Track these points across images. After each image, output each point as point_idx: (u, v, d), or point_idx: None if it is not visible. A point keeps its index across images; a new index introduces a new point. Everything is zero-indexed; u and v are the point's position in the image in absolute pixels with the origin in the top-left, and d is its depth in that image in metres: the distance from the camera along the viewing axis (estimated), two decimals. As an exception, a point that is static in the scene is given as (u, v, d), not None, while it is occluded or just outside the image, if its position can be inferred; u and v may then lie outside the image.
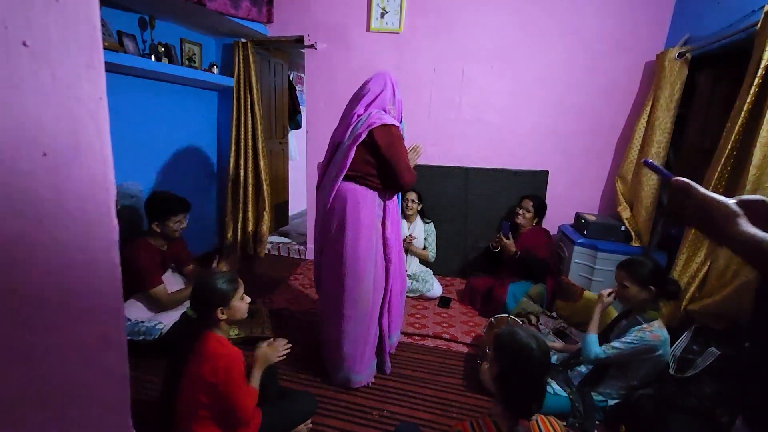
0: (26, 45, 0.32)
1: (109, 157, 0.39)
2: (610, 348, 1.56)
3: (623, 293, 1.62)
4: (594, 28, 2.66)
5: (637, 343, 1.51)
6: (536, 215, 2.67)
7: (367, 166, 1.67)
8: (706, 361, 1.58)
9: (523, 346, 1.01)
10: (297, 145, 4.56)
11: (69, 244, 0.37)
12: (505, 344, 1.04)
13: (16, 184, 0.32)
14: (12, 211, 0.32)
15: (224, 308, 1.25)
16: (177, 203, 2.02)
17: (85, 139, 0.37)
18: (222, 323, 1.27)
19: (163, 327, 1.90)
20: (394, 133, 1.66)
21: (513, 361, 1.01)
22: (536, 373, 1.00)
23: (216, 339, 1.25)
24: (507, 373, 1.02)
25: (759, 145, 1.57)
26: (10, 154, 0.32)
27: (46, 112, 0.34)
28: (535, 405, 1.01)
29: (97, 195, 0.39)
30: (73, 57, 0.35)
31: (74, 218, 0.37)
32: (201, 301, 1.25)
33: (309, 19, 3.10)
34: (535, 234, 2.63)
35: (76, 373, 0.40)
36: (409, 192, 2.84)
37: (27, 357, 0.36)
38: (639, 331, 1.53)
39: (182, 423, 1.23)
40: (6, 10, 0.30)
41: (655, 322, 1.56)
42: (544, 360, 1.01)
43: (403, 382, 1.85)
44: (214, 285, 1.24)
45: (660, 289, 1.57)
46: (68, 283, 0.38)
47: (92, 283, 0.40)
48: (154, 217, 1.97)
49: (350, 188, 1.67)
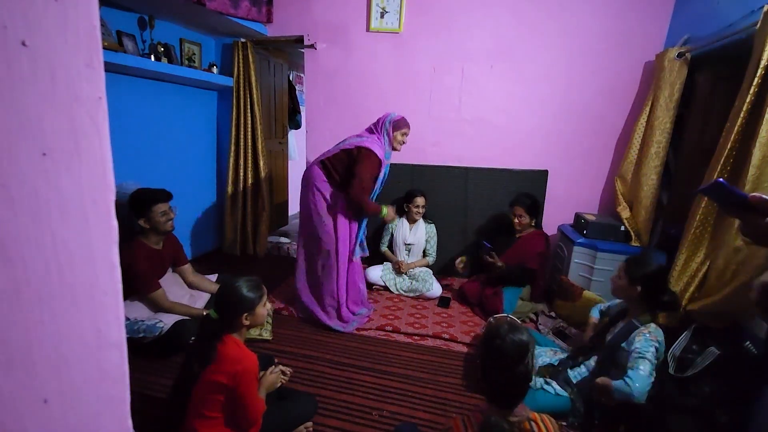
0: (25, 45, 0.32)
1: (108, 156, 0.39)
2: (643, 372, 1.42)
3: (616, 282, 1.66)
4: (594, 28, 2.66)
5: (653, 349, 1.47)
6: (532, 218, 2.58)
7: (340, 165, 2.22)
8: (705, 360, 1.58)
9: (494, 336, 1.05)
10: (297, 144, 4.56)
11: (68, 244, 0.37)
12: (483, 338, 1.10)
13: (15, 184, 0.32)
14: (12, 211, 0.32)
15: (249, 314, 1.28)
16: (157, 192, 2.01)
17: (84, 139, 0.37)
18: (243, 328, 1.30)
19: (163, 326, 1.90)
20: (371, 159, 2.18)
21: (486, 352, 1.06)
22: (508, 362, 1.01)
23: (235, 342, 1.26)
24: (484, 365, 1.07)
25: (758, 145, 1.57)
26: (9, 154, 0.32)
27: (45, 112, 0.34)
28: (513, 394, 1.03)
29: (97, 195, 0.39)
30: (72, 57, 0.35)
31: (74, 218, 0.37)
32: (228, 307, 1.27)
33: (309, 19, 3.10)
34: (532, 240, 2.55)
35: (75, 372, 0.40)
36: (419, 197, 2.82)
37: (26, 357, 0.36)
38: (641, 336, 1.51)
39: (189, 422, 1.23)
40: (5, 10, 0.30)
41: (650, 324, 1.56)
42: (516, 349, 1.02)
43: (403, 382, 1.85)
44: (242, 292, 1.26)
45: (647, 292, 1.57)
46: (68, 282, 0.38)
47: (92, 282, 0.40)
48: (138, 212, 1.96)
49: (316, 171, 2.25)
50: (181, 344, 1.89)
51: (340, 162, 2.22)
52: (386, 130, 2.27)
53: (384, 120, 2.28)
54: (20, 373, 0.35)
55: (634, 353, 1.48)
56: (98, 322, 0.41)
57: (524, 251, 2.53)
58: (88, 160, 0.38)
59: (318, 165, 2.26)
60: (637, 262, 1.61)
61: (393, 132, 2.27)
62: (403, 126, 2.29)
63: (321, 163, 2.25)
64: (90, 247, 0.39)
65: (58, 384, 0.38)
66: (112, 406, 0.44)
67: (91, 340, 0.41)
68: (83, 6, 0.35)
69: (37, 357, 0.36)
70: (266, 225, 3.46)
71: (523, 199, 2.57)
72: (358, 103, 3.18)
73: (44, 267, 0.36)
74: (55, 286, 0.37)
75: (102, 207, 0.40)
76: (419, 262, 2.92)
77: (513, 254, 2.54)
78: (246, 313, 1.28)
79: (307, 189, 2.28)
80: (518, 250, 2.56)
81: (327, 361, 1.99)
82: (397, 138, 2.29)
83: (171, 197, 2.07)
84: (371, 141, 2.22)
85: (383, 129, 2.27)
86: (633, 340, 1.54)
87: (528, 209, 2.55)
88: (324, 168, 2.24)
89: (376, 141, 2.24)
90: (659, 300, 1.58)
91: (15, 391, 0.35)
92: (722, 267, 1.73)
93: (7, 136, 0.31)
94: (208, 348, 1.24)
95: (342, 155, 2.22)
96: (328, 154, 2.26)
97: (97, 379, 0.42)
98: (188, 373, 1.27)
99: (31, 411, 0.36)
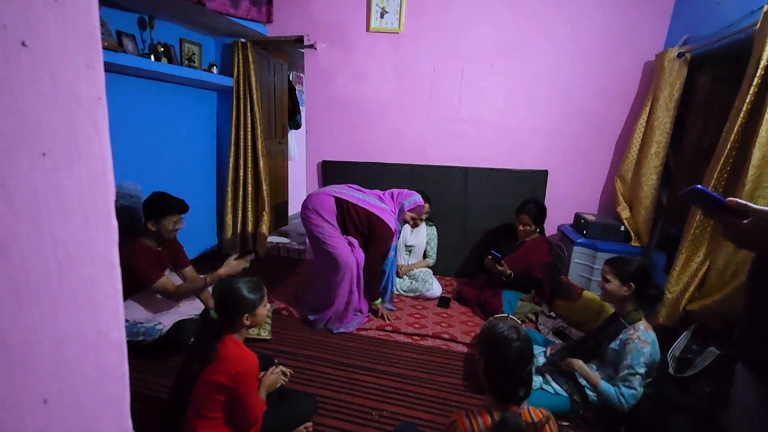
0: (25, 45, 0.32)
1: (108, 157, 0.39)
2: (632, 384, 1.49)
3: (605, 287, 1.67)
4: (593, 28, 2.66)
5: (643, 359, 1.50)
6: (536, 225, 2.55)
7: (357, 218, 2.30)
8: (705, 360, 1.58)
9: (504, 338, 1.08)
10: (296, 145, 4.56)
11: (68, 244, 0.37)
12: (488, 338, 1.12)
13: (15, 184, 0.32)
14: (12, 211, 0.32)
15: (250, 315, 1.29)
16: (176, 203, 2.01)
17: (84, 139, 0.37)
18: (243, 328, 1.31)
19: (162, 327, 1.90)
20: (389, 235, 2.31)
21: (496, 353, 1.08)
22: (519, 362, 1.06)
23: (235, 343, 1.27)
24: (492, 365, 1.08)
25: (758, 145, 1.57)
26: (9, 154, 0.32)
27: (44, 112, 0.34)
28: (522, 391, 1.06)
29: (97, 195, 0.39)
30: (72, 57, 0.35)
31: (74, 218, 0.37)
32: (230, 307, 1.27)
33: (308, 19, 3.10)
34: (536, 247, 2.52)
35: (75, 372, 0.40)
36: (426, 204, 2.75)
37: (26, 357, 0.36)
38: (630, 345, 1.52)
39: (189, 422, 1.23)
40: (5, 10, 0.30)
41: (638, 324, 1.57)
42: (526, 349, 1.07)
43: (403, 382, 1.85)
44: (243, 293, 1.27)
45: (639, 288, 1.59)
46: (67, 282, 0.38)
47: (92, 282, 0.40)
48: (151, 214, 1.96)
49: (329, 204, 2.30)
50: (181, 345, 1.89)
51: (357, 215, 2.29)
52: (402, 206, 2.40)
53: (403, 199, 2.41)
54: (20, 373, 0.35)
55: (627, 368, 1.51)
56: (98, 322, 0.41)
57: (529, 259, 2.49)
58: (88, 160, 0.38)
59: (332, 198, 2.30)
60: (623, 262, 1.64)
61: (407, 211, 2.41)
62: (420, 213, 2.45)
63: (335, 199, 2.30)
64: (90, 247, 0.39)
65: (58, 384, 0.38)
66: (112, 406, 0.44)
67: (91, 341, 0.41)
68: (83, 6, 0.35)
69: (37, 357, 0.36)
70: (266, 225, 3.46)
71: (530, 208, 2.52)
72: (358, 104, 3.18)
73: (44, 267, 0.36)
74: (55, 286, 0.37)
75: (102, 207, 0.40)
76: (419, 264, 2.92)
77: (517, 260, 2.51)
78: (247, 313, 1.28)
79: (313, 215, 2.29)
80: (522, 256, 2.52)
81: (327, 361, 1.99)
82: (407, 217, 2.43)
83: (187, 211, 2.07)
84: (389, 215, 2.34)
85: (398, 204, 2.40)
86: (623, 344, 1.56)
87: (534, 218, 2.51)
88: (337, 206, 2.30)
89: (392, 214, 2.37)
90: (647, 294, 1.61)
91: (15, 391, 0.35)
92: (722, 267, 1.73)
93: (7, 136, 0.31)
94: (208, 348, 1.24)
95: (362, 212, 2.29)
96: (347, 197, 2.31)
97: (97, 379, 0.42)
98: (188, 373, 1.27)
99: (31, 411, 0.36)
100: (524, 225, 2.53)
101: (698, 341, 1.69)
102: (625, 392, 1.50)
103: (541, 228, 2.66)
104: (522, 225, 2.54)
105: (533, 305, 2.52)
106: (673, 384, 1.62)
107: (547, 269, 2.56)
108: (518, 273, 2.47)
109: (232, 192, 3.37)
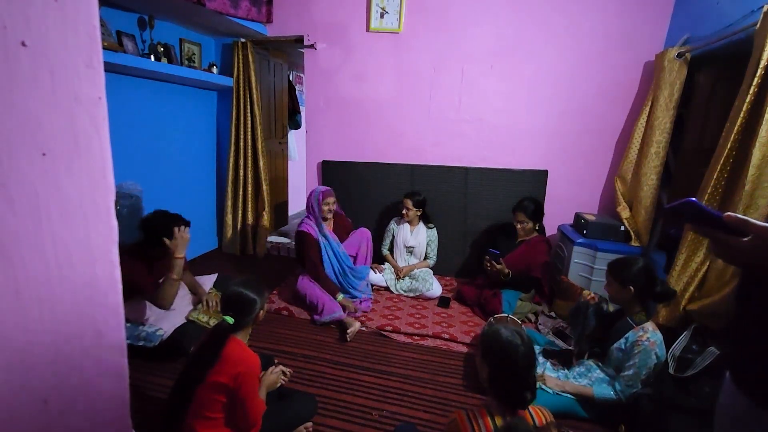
0: (25, 45, 0.32)
1: (108, 156, 0.39)
2: (629, 380, 1.54)
3: (607, 290, 1.70)
4: (593, 28, 2.66)
5: (646, 360, 1.52)
6: (534, 223, 2.53)
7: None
8: (705, 360, 1.58)
9: (509, 344, 1.06)
10: (296, 145, 4.56)
11: (69, 244, 0.37)
12: (491, 345, 1.10)
13: (15, 184, 0.32)
14: (11, 211, 0.32)
15: (262, 310, 1.38)
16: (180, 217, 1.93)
17: (84, 139, 0.37)
18: (249, 327, 1.37)
19: (163, 333, 1.89)
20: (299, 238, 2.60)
21: (502, 360, 1.06)
22: (524, 367, 1.05)
23: (237, 343, 1.27)
24: (498, 372, 1.07)
25: (758, 145, 1.57)
26: (9, 154, 0.32)
27: (45, 112, 0.34)
28: (529, 394, 1.05)
29: (97, 195, 0.39)
30: (72, 57, 0.35)
31: (74, 218, 0.37)
32: (245, 310, 1.31)
33: (308, 19, 3.10)
34: (535, 246, 2.51)
35: (74, 372, 0.40)
36: (405, 199, 2.79)
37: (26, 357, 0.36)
38: (640, 346, 1.53)
39: (189, 422, 1.23)
40: (5, 10, 0.30)
41: (647, 325, 1.57)
42: (530, 353, 1.07)
43: (403, 382, 1.85)
44: (254, 294, 1.34)
45: (641, 289, 1.59)
46: (68, 282, 0.38)
47: (92, 281, 0.40)
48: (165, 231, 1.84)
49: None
50: (181, 350, 1.87)
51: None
52: (312, 205, 2.57)
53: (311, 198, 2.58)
54: (20, 373, 0.35)
55: (633, 368, 1.53)
56: (98, 323, 0.41)
57: (528, 258, 2.49)
58: (88, 160, 0.38)
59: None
60: (620, 265, 1.65)
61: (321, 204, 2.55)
62: (327, 195, 2.57)
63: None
64: (90, 247, 0.39)
65: (58, 384, 0.38)
66: (112, 406, 0.44)
67: (91, 340, 0.41)
68: (83, 6, 0.35)
69: (37, 357, 0.36)
70: (266, 225, 3.46)
71: (526, 205, 2.51)
72: (358, 103, 3.18)
73: (44, 267, 0.35)
74: (55, 286, 0.37)
75: (102, 207, 0.40)
76: (419, 265, 2.91)
77: (516, 259, 2.51)
78: (261, 310, 1.37)
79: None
80: (522, 255, 2.52)
81: (327, 361, 1.99)
82: (324, 209, 2.56)
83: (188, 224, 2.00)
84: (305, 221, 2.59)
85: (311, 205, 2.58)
86: (630, 343, 1.56)
87: (531, 215, 2.50)
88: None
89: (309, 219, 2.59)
90: (653, 293, 1.60)
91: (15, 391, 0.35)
92: (722, 267, 1.73)
93: (7, 136, 0.31)
94: (213, 349, 1.24)
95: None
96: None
97: (97, 379, 0.42)
98: (191, 374, 1.27)
99: (31, 411, 0.36)
100: (521, 222, 2.53)
101: (698, 341, 1.69)
102: (625, 390, 1.54)
103: (541, 227, 2.66)
104: (519, 222, 2.55)
105: (533, 305, 2.53)
106: (673, 384, 1.62)
107: (546, 269, 2.55)
108: (517, 272, 2.47)
109: (232, 192, 3.37)
